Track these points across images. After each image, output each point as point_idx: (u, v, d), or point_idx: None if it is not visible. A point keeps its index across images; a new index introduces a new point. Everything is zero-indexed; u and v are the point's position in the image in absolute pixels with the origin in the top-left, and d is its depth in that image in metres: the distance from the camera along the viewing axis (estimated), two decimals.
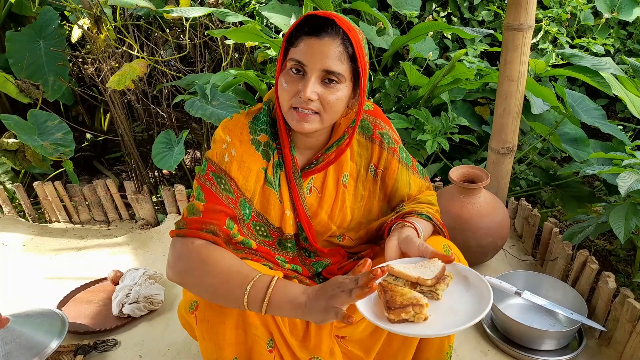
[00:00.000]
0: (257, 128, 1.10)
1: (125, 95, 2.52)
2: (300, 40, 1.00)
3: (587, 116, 2.12)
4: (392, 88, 2.46)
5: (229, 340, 0.99)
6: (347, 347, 1.17)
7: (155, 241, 2.19)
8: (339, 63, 0.99)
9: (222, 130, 1.09)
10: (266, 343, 1.02)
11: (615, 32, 3.08)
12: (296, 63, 0.99)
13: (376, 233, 1.25)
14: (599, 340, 1.56)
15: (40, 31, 2.64)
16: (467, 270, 1.00)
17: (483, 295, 0.92)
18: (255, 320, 0.99)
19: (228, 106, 2.10)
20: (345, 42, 1.00)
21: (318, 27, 0.99)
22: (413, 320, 0.87)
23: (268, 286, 0.91)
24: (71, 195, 2.37)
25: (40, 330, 1.50)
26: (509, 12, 1.82)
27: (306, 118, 1.01)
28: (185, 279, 0.98)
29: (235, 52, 2.68)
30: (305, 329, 1.09)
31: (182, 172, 2.86)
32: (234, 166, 1.06)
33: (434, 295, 0.93)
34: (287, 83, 1.01)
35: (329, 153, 1.13)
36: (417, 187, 1.28)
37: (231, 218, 1.04)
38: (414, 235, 1.07)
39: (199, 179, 1.06)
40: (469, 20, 3.00)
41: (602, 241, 2.24)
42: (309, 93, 0.98)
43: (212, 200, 1.03)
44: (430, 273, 0.94)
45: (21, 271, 2.01)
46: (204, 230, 1.00)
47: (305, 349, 1.07)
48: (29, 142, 2.19)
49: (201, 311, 0.99)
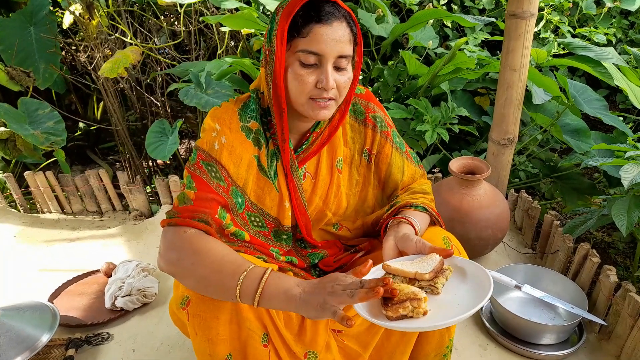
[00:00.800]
0: (247, 115, 1.08)
1: (119, 83, 2.47)
2: (309, 29, 0.95)
3: (589, 107, 2.09)
4: (391, 77, 2.41)
5: (222, 335, 0.96)
6: (343, 341, 1.15)
7: (149, 232, 2.15)
8: (349, 45, 0.99)
9: (211, 119, 1.06)
10: (260, 337, 0.99)
11: (617, 21, 3.05)
12: (310, 54, 0.96)
13: (372, 227, 1.23)
14: (599, 335, 1.55)
15: (31, 17, 2.57)
16: (466, 262, 0.98)
17: (483, 285, 0.90)
18: (250, 314, 0.97)
19: (223, 95, 2.05)
20: (350, 23, 0.99)
21: (325, 13, 0.96)
22: (412, 315, 0.84)
23: (261, 277, 0.88)
24: (63, 185, 2.33)
25: (31, 323, 1.47)
26: (511, 0, 1.77)
27: (326, 106, 1.01)
28: (177, 269, 0.95)
29: (230, 40, 2.63)
30: (300, 323, 1.07)
31: (177, 162, 2.82)
32: (224, 154, 1.03)
33: (433, 290, 0.91)
34: (302, 76, 0.98)
35: (318, 131, 1.12)
36: (411, 173, 1.25)
37: (223, 207, 1.01)
38: (411, 233, 1.05)
39: (189, 167, 1.03)
40: (470, 8, 2.95)
41: (601, 233, 2.22)
42: (332, 83, 0.98)
43: (203, 189, 1.00)
44: (427, 267, 0.92)
45: (12, 263, 1.98)
46: (196, 219, 0.97)
47: (300, 343, 1.05)
48: (19, 131, 2.14)
49: (193, 306, 0.96)
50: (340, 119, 1.12)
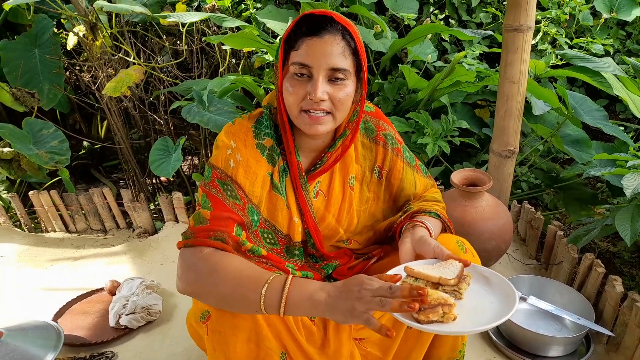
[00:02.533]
0: (262, 132, 1.09)
1: (122, 102, 2.50)
2: (301, 42, 0.98)
3: (589, 117, 2.10)
4: (391, 91, 2.43)
5: (239, 353, 0.96)
6: (366, 348, 1.16)
7: (152, 250, 2.16)
8: (344, 59, 0.99)
9: (225, 136, 1.07)
10: (279, 356, 0.98)
11: (614, 32, 3.07)
12: (300, 66, 0.98)
13: (385, 233, 1.24)
14: (607, 346, 1.53)
15: (35, 39, 2.62)
16: (485, 270, 1.00)
17: (506, 292, 0.93)
18: (268, 333, 0.96)
19: (225, 112, 2.07)
20: (347, 37, 1.00)
21: (317, 26, 0.97)
22: (442, 320, 0.86)
23: (283, 286, 0.88)
24: (67, 204, 2.34)
25: (35, 343, 1.46)
26: (508, 13, 1.80)
27: (319, 120, 1.00)
28: (197, 289, 0.95)
29: (232, 58, 2.66)
30: (323, 336, 1.07)
31: (180, 179, 2.83)
32: (240, 172, 1.04)
33: (456, 295, 0.93)
34: (293, 87, 1.00)
35: (332, 151, 1.12)
36: (423, 185, 1.27)
37: (239, 225, 1.01)
38: (428, 236, 1.06)
39: (204, 186, 1.03)
40: (467, 22, 2.99)
41: (606, 243, 2.21)
42: (320, 94, 0.97)
43: (219, 208, 1.00)
44: (451, 273, 0.93)
45: (16, 282, 1.98)
46: (212, 237, 0.97)
47: (325, 355, 1.05)
48: (23, 151, 2.16)
49: (213, 322, 0.96)
50: (352, 137, 1.12)
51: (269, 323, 0.97)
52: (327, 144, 1.13)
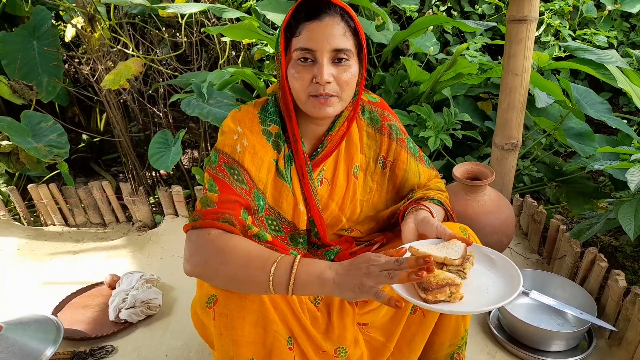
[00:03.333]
0: (267, 119, 1.09)
1: (121, 95, 2.48)
2: (302, 27, 0.99)
3: (592, 110, 2.08)
4: (392, 84, 2.41)
5: (247, 337, 0.95)
6: (369, 333, 1.16)
7: (152, 243, 2.15)
8: (345, 39, 1.00)
9: (232, 121, 1.07)
10: (286, 340, 0.99)
11: (618, 24, 3.04)
12: (304, 51, 0.98)
13: (388, 221, 1.25)
14: (609, 341, 1.52)
15: (34, 31, 2.59)
16: (488, 250, 1.01)
17: (510, 272, 0.94)
18: (275, 316, 0.97)
19: (225, 105, 2.06)
20: (346, 18, 1.00)
21: (316, 10, 0.98)
22: (449, 300, 0.86)
23: (292, 265, 0.88)
24: (66, 197, 2.33)
25: (35, 337, 1.46)
26: (512, 5, 1.77)
27: (327, 102, 1.01)
28: (205, 270, 0.95)
29: (232, 50, 2.64)
30: (327, 321, 1.08)
31: (180, 173, 2.82)
32: (246, 157, 1.04)
33: (461, 275, 0.94)
34: (298, 73, 1.00)
35: (332, 133, 1.12)
36: (427, 176, 1.28)
37: (246, 209, 1.02)
38: (430, 217, 1.07)
39: (211, 170, 1.03)
40: (470, 13, 2.96)
41: (608, 237, 2.20)
42: (326, 76, 0.98)
43: (226, 191, 1.00)
44: (455, 253, 0.94)
45: (16, 276, 1.97)
46: (220, 220, 0.96)
47: (329, 340, 1.06)
48: (22, 144, 2.14)
49: (220, 305, 0.95)
50: (352, 116, 1.12)
51: (276, 306, 0.97)
52: (327, 128, 1.14)
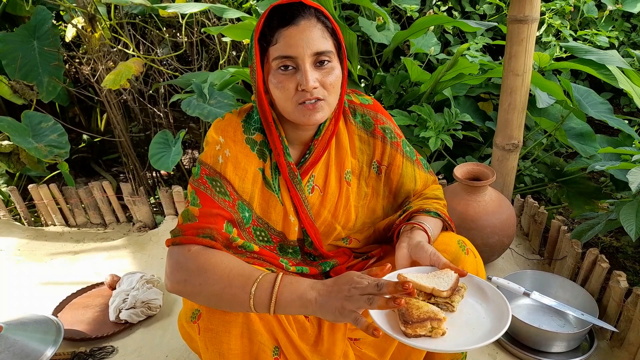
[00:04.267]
0: (252, 127, 1.06)
1: (121, 95, 2.48)
2: (278, 34, 0.95)
3: (594, 110, 2.08)
4: (393, 84, 2.41)
5: (234, 349, 0.94)
6: (361, 349, 1.14)
7: (152, 244, 2.15)
8: (325, 41, 0.97)
9: (214, 131, 1.05)
10: (272, 351, 0.97)
11: (619, 24, 3.04)
12: (284, 59, 0.95)
13: (384, 233, 1.21)
14: (610, 342, 1.52)
15: (34, 31, 2.59)
16: (482, 282, 0.96)
17: (501, 309, 0.89)
18: (260, 327, 0.95)
19: (226, 105, 2.05)
20: (322, 18, 0.97)
21: (289, 15, 0.95)
22: (430, 335, 0.83)
23: (273, 285, 0.86)
24: (67, 197, 2.32)
25: (35, 337, 1.46)
26: (513, 5, 1.77)
27: (316, 108, 0.98)
28: (186, 289, 0.93)
29: (232, 50, 2.63)
30: (317, 333, 1.05)
31: (181, 173, 2.82)
32: (229, 167, 1.01)
33: (448, 307, 0.90)
34: (281, 83, 0.97)
35: (319, 137, 1.09)
36: (423, 181, 1.24)
37: (229, 221, 0.99)
38: (425, 241, 1.03)
39: (193, 183, 1.01)
40: (470, 14, 2.96)
41: (609, 238, 2.20)
42: (312, 82, 0.95)
43: (208, 204, 0.98)
44: (445, 284, 0.90)
45: (16, 276, 1.97)
46: (200, 235, 0.95)
47: (317, 354, 1.04)
48: (22, 144, 2.14)
49: (205, 320, 0.94)
50: (336, 120, 1.09)
51: (261, 317, 0.95)
52: (315, 133, 1.10)
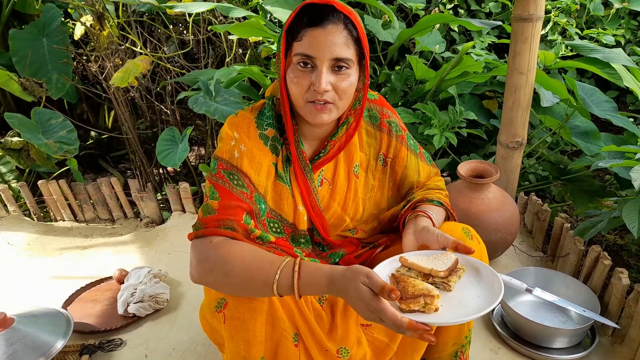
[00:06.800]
0: (264, 123, 1.09)
1: (129, 92, 2.51)
2: (304, 32, 0.98)
3: (598, 109, 2.08)
4: (398, 82, 2.42)
5: (259, 337, 0.98)
6: (372, 334, 1.17)
7: (160, 239, 2.18)
8: (347, 49, 0.98)
9: (228, 127, 1.08)
10: (292, 337, 1.01)
11: (625, 22, 3.03)
12: (304, 57, 0.98)
13: (389, 224, 1.25)
14: (612, 338, 1.53)
15: (43, 29, 2.63)
16: (479, 264, 1.01)
17: (494, 287, 0.94)
18: (283, 314, 0.99)
19: (232, 102, 2.07)
20: (349, 26, 0.99)
21: (319, 16, 0.97)
22: (424, 310, 0.87)
23: (293, 266, 0.91)
24: (76, 193, 2.36)
25: (46, 330, 1.49)
26: (517, 3, 1.77)
27: (324, 109, 1.01)
28: (210, 279, 0.97)
29: (239, 48, 2.65)
30: (331, 321, 1.10)
31: (187, 170, 2.85)
32: (245, 161, 1.05)
33: (445, 287, 0.94)
34: (297, 78, 1.00)
35: (335, 139, 1.13)
36: (426, 173, 1.28)
37: (247, 213, 1.03)
38: (431, 225, 1.07)
39: (211, 178, 1.05)
40: (476, 12, 2.96)
41: (613, 236, 2.20)
42: (324, 85, 0.97)
43: (227, 197, 1.01)
44: (443, 265, 0.95)
45: (26, 270, 2.01)
46: (222, 226, 0.98)
47: (332, 340, 1.08)
48: (32, 141, 2.18)
49: (230, 309, 0.97)
50: (356, 125, 1.13)
51: (283, 304, 0.99)
52: (330, 132, 1.14)
